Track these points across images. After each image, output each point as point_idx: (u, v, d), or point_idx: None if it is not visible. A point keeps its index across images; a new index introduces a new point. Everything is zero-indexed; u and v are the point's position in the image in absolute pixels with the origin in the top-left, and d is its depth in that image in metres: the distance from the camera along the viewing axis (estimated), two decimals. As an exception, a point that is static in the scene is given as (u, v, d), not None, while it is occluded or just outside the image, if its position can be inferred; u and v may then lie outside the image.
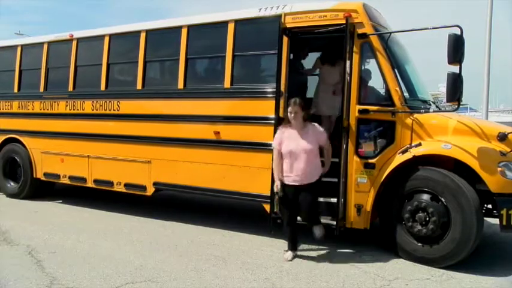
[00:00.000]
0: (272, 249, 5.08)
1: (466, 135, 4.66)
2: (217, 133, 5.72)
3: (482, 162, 4.35)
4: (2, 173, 8.16)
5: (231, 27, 5.71)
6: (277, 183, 4.62)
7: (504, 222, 4.29)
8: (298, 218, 4.78)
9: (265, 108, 5.35)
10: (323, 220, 5.10)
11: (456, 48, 4.40)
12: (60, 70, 7.50)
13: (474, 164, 4.36)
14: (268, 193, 5.20)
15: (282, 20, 5.29)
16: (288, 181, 4.58)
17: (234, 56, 5.70)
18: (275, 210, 4.90)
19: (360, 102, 4.94)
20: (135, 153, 6.46)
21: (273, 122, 5.18)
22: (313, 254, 4.97)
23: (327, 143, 4.71)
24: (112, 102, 6.75)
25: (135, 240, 5.42)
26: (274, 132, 5.14)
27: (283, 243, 5.24)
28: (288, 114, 4.56)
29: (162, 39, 6.58)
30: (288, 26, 5.29)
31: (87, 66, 7.28)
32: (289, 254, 4.79)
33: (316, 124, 4.68)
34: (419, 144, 4.67)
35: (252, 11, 5.69)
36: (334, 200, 4.98)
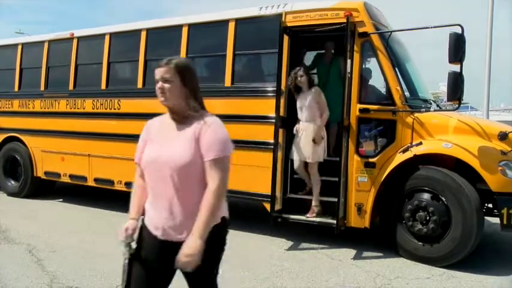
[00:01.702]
0: (273, 248, 5.08)
1: (467, 135, 4.66)
2: (217, 132, 5.71)
3: (483, 161, 4.35)
4: (3, 172, 8.16)
5: (231, 26, 5.70)
6: (128, 226, 2.17)
7: (504, 222, 4.30)
8: None
9: (266, 107, 5.35)
10: (323, 219, 5.11)
11: (457, 47, 4.41)
12: (60, 69, 7.49)
13: (475, 163, 4.36)
14: (268, 192, 5.20)
15: (283, 18, 5.29)
16: (149, 225, 2.14)
17: (234, 55, 5.70)
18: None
19: (360, 101, 4.94)
20: (136, 152, 6.43)
21: (273, 121, 5.19)
22: (314, 253, 4.96)
23: (214, 169, 2.05)
24: (113, 101, 6.74)
25: (135, 239, 5.42)
26: (275, 131, 5.16)
27: (284, 242, 5.25)
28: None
29: (163, 37, 6.58)
30: (289, 24, 5.28)
31: (87, 65, 7.29)
32: None
33: (216, 120, 2.19)
34: (420, 143, 4.67)
35: (253, 10, 5.68)
36: (334, 199, 4.97)
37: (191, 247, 1.90)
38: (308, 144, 5.13)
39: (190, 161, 2.01)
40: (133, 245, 2.14)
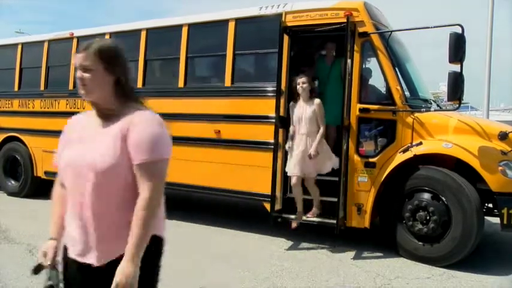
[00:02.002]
0: (273, 248, 5.08)
1: (467, 134, 4.66)
2: (217, 132, 5.72)
3: (483, 161, 4.35)
4: (3, 172, 8.16)
5: (231, 26, 5.70)
6: (47, 248, 1.86)
7: (505, 221, 4.30)
8: None
9: (266, 107, 5.35)
10: (323, 219, 5.11)
11: (457, 47, 4.41)
12: (60, 68, 7.49)
13: (475, 163, 4.36)
14: (268, 192, 5.20)
15: (283, 18, 5.29)
16: (68, 245, 1.81)
17: (234, 55, 5.70)
18: None
19: (360, 101, 4.94)
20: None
21: (273, 120, 5.19)
22: (314, 253, 4.96)
23: (145, 175, 1.65)
24: (112, 100, 6.74)
25: (135, 238, 5.42)
26: (275, 131, 5.16)
27: (284, 242, 5.25)
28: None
29: (163, 37, 6.58)
30: (289, 24, 5.28)
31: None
32: None
33: (149, 114, 1.76)
34: (420, 143, 4.66)
35: (253, 10, 5.68)
36: (334, 199, 4.97)
37: (122, 273, 1.56)
38: (308, 158, 4.89)
39: (114, 164, 1.62)
40: (56, 273, 1.77)
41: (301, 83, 4.95)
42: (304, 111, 4.97)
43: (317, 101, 4.98)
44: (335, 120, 5.25)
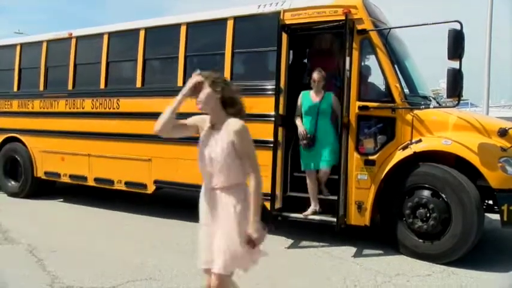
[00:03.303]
0: (273, 246, 5.07)
1: (467, 131, 4.66)
2: (217, 131, 5.71)
3: (483, 158, 4.34)
4: (3, 172, 8.16)
5: (230, 24, 5.70)
6: None
7: (505, 218, 4.30)
8: None
9: (265, 105, 5.34)
10: (323, 217, 5.10)
11: (456, 44, 4.40)
12: (59, 68, 7.49)
13: (475, 160, 4.35)
14: (268, 190, 5.19)
15: (281, 16, 5.28)
16: None
17: (233, 53, 5.69)
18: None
19: (359, 99, 4.94)
20: (135, 151, 6.45)
21: (272, 119, 5.18)
22: (314, 251, 4.96)
23: None
24: (112, 100, 6.74)
25: (136, 238, 5.42)
26: (275, 130, 5.16)
27: (284, 241, 5.25)
28: None
29: (161, 36, 6.57)
30: (287, 22, 5.28)
31: (86, 64, 7.28)
32: None
33: None
34: (420, 141, 4.66)
35: (251, 8, 5.68)
36: (334, 197, 4.97)
37: None
38: (231, 230, 2.53)
39: None
40: None
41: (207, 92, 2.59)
42: (215, 141, 2.60)
43: (239, 123, 2.61)
44: (329, 163, 5.06)
